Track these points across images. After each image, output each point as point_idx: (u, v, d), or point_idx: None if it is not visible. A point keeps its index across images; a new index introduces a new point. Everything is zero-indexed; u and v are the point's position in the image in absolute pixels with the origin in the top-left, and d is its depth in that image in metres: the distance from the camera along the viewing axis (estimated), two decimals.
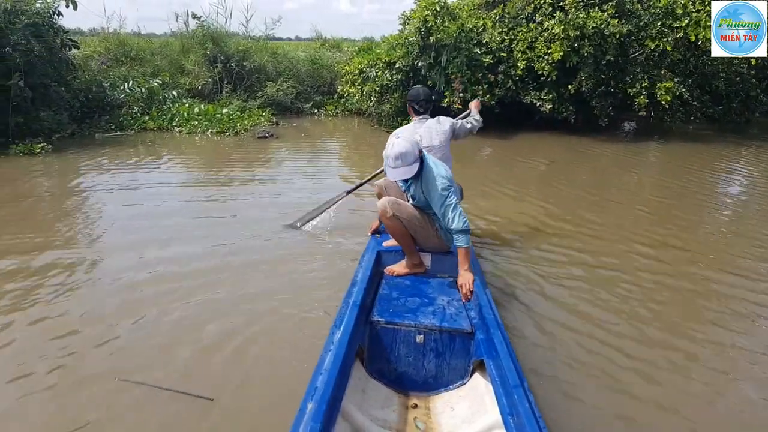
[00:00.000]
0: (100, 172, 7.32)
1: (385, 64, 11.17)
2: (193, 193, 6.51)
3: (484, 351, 2.63)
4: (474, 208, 6.03)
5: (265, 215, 5.62)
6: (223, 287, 3.99)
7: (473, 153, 9.91)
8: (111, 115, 10.62)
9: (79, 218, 5.58)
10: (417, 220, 3.46)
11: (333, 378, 2.18)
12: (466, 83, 10.53)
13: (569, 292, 4.12)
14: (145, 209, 5.81)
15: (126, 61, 12.87)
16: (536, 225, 5.68)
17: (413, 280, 3.45)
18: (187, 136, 10.16)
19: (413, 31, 10.64)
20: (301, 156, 8.89)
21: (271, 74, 13.45)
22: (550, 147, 10.41)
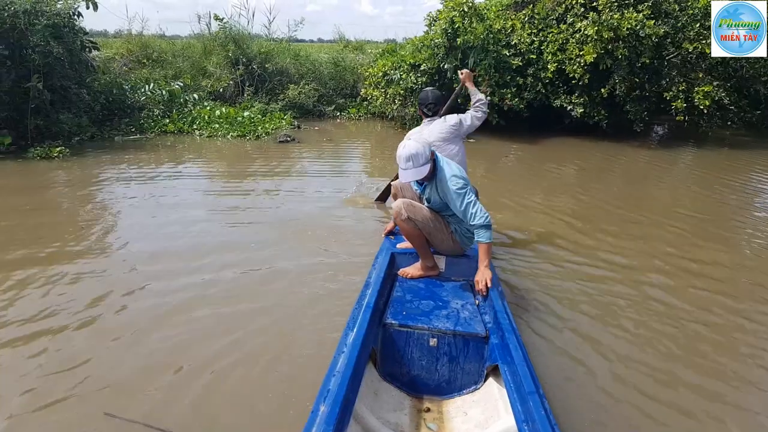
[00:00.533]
0: (119, 177, 7.08)
1: (409, 66, 10.83)
2: (215, 202, 6.20)
3: (498, 356, 2.60)
4: (499, 214, 5.84)
5: (286, 226, 5.34)
6: (242, 302, 3.71)
7: (500, 157, 9.54)
8: (131, 117, 10.43)
9: (96, 226, 5.30)
10: (432, 222, 3.42)
11: (346, 380, 2.16)
12: (494, 86, 10.14)
13: (590, 307, 3.91)
14: (166, 218, 5.54)
15: (148, 63, 12.71)
16: (561, 235, 5.36)
17: (427, 283, 3.41)
18: (208, 140, 9.92)
19: (439, 32, 10.28)
20: (324, 162, 8.58)
21: (293, 77, 13.18)
22: (580, 153, 9.97)
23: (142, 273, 4.20)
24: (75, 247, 4.71)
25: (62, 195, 6.37)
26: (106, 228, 5.25)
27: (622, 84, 9.87)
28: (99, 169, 7.48)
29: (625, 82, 9.91)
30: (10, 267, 4.23)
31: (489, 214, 3.16)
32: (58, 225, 5.29)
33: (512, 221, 5.74)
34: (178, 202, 6.07)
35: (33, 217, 5.49)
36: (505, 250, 4.89)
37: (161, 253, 4.59)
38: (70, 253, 4.57)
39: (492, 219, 3.21)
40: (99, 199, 6.21)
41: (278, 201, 6.22)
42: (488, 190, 6.88)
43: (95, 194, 6.42)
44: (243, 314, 3.60)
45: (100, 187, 6.72)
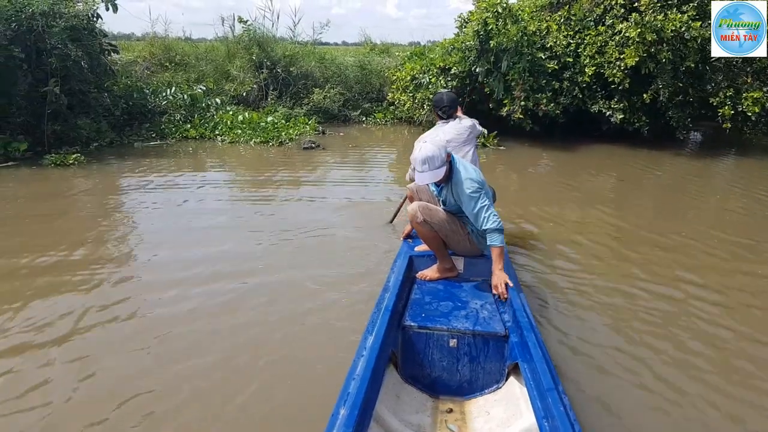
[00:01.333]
0: (137, 186, 6.70)
1: (439, 69, 10.33)
2: (238, 214, 5.77)
3: (518, 354, 2.58)
4: (530, 223, 5.64)
5: (308, 235, 4.94)
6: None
7: (533, 165, 9.02)
8: (152, 122, 10.08)
9: (112, 236, 4.95)
10: (448, 224, 3.39)
11: (365, 383, 2.14)
12: (528, 91, 9.59)
13: (615, 314, 3.79)
14: (188, 234, 5.13)
15: (170, 66, 12.39)
16: (594, 246, 5.07)
17: (446, 284, 3.39)
18: (230, 146, 9.51)
19: (471, 34, 9.77)
20: (350, 170, 8.11)
21: (318, 80, 12.75)
22: (617, 161, 9.37)
23: (165, 281, 4.01)
24: (89, 255, 4.36)
25: (74, 204, 6.01)
26: (118, 239, 4.88)
27: (666, 89, 9.25)
28: (116, 178, 7.12)
29: (669, 86, 9.29)
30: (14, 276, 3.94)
31: (500, 218, 3.14)
32: (66, 233, 4.93)
33: (545, 231, 5.44)
34: (199, 211, 5.70)
35: (42, 223, 5.13)
36: (535, 259, 4.68)
37: (183, 261, 4.36)
38: (79, 262, 4.21)
39: (503, 224, 3.17)
40: (111, 210, 5.82)
41: (301, 210, 5.81)
42: (521, 199, 6.64)
43: (109, 204, 6.05)
44: (258, 324, 3.49)
45: (115, 196, 6.36)
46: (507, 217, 5.63)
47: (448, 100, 4.39)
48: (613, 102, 9.72)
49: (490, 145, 9.82)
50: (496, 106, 10.22)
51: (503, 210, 5.71)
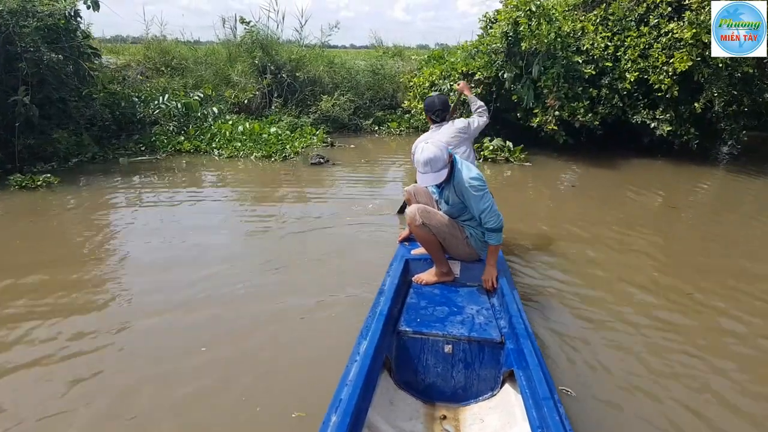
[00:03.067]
0: (115, 218, 5.61)
1: (461, 75, 9.18)
2: (233, 256, 4.67)
3: (514, 361, 2.52)
4: (565, 242, 5.15)
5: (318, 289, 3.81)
6: None
7: (565, 182, 7.87)
8: (141, 134, 8.97)
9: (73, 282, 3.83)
10: (447, 228, 3.36)
11: (358, 389, 2.10)
12: (563, 99, 8.44)
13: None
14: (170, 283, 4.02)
15: (166, 71, 11.29)
16: (632, 272, 4.53)
17: (442, 289, 3.34)
18: (228, 161, 8.38)
19: (499, 35, 8.62)
20: (362, 188, 6.97)
21: (326, 86, 11.61)
22: (662, 177, 8.22)
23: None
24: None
25: (28, 234, 4.89)
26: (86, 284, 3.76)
27: (721, 97, 8.06)
28: (86, 205, 6.00)
29: (725, 95, 8.11)
30: None
31: (502, 217, 3.19)
32: (20, 269, 3.82)
33: (582, 254, 4.88)
34: (189, 258, 4.55)
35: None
36: (561, 281, 4.29)
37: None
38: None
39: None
40: (74, 254, 4.71)
41: (309, 242, 4.71)
42: (555, 218, 6.04)
43: (74, 243, 4.94)
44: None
45: (82, 234, 5.24)
46: (535, 236, 5.23)
47: (440, 104, 4.37)
48: (658, 112, 8.54)
49: (515, 160, 8.66)
50: (524, 116, 9.07)
51: (532, 230, 5.41)
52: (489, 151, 8.79)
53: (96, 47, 8.35)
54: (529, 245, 5.02)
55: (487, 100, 9.20)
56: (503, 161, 8.70)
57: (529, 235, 5.35)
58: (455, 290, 3.31)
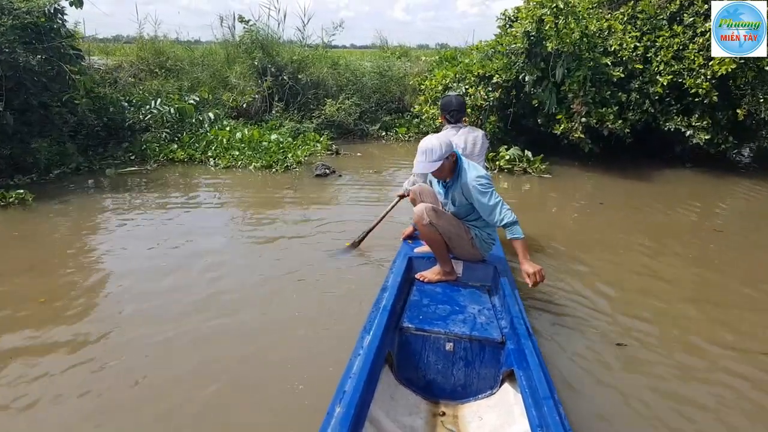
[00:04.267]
0: (94, 245, 4.87)
1: (477, 78, 8.43)
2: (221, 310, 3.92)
3: (514, 361, 2.50)
4: (588, 256, 4.84)
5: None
6: None
7: (594, 193, 7.23)
8: (131, 142, 8.21)
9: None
10: (453, 228, 3.31)
11: (361, 383, 2.09)
12: (590, 104, 7.69)
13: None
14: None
15: (160, 72, 10.52)
16: (656, 298, 4.10)
17: (444, 288, 3.30)
18: (224, 172, 7.61)
19: (520, 35, 7.86)
20: (372, 204, 6.23)
21: (330, 89, 10.84)
22: (697, 189, 7.54)
23: None
24: None
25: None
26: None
27: (766, 103, 7.30)
28: (61, 230, 5.25)
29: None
30: None
31: (513, 214, 3.09)
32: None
33: (606, 273, 4.50)
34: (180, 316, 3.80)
35: None
36: (586, 302, 3.96)
37: None
38: None
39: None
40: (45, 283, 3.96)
41: (314, 264, 3.93)
42: (577, 239, 5.42)
43: (44, 276, 4.19)
44: None
45: (52, 265, 4.48)
46: (555, 261, 4.69)
47: (457, 104, 4.23)
48: (693, 119, 7.78)
49: (534, 171, 7.89)
50: (545, 122, 8.32)
51: (552, 253, 4.87)
52: (505, 161, 8.01)
53: (79, 48, 7.55)
54: (548, 268, 4.38)
55: (505, 105, 8.46)
56: (521, 172, 7.93)
57: (549, 258, 4.70)
58: (457, 289, 3.30)
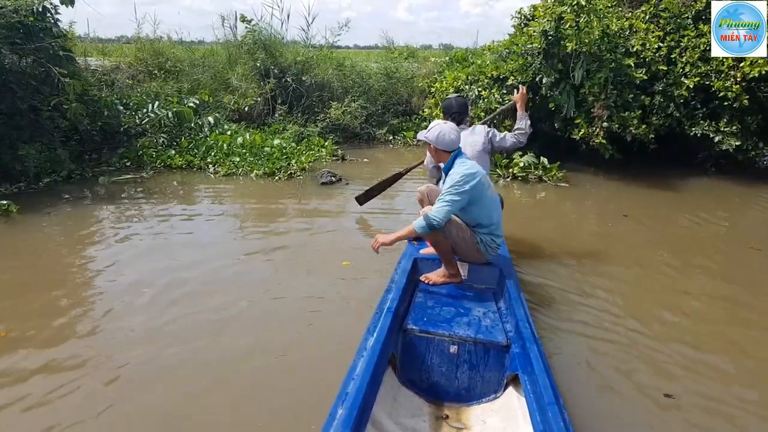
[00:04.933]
0: (77, 260, 4.43)
1: (490, 80, 7.97)
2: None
3: (519, 365, 2.47)
4: (610, 276, 4.42)
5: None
6: None
7: (614, 201, 6.79)
8: (127, 147, 7.78)
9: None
10: (459, 231, 3.28)
11: (364, 384, 2.07)
12: (612, 108, 7.22)
13: None
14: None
15: (159, 74, 10.08)
16: (686, 318, 3.80)
17: (449, 290, 3.27)
18: (224, 180, 7.18)
19: (537, 34, 7.40)
20: (383, 216, 5.79)
21: (336, 91, 10.39)
22: (725, 200, 7.01)
23: None
24: None
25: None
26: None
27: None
28: (45, 244, 4.82)
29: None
30: None
31: (442, 216, 3.09)
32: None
33: (627, 289, 4.22)
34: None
35: None
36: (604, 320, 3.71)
37: None
38: None
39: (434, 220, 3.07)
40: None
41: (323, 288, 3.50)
42: (599, 246, 5.15)
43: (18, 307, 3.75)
44: None
45: (32, 292, 4.04)
46: (576, 268, 4.46)
47: (458, 106, 4.23)
48: (722, 123, 7.31)
49: (550, 179, 7.41)
50: (562, 126, 7.86)
51: (573, 261, 4.62)
52: (519, 168, 7.53)
53: (70, 49, 7.10)
54: (566, 282, 4.02)
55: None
56: (535, 180, 7.46)
57: (567, 270, 4.33)
58: (462, 292, 3.27)
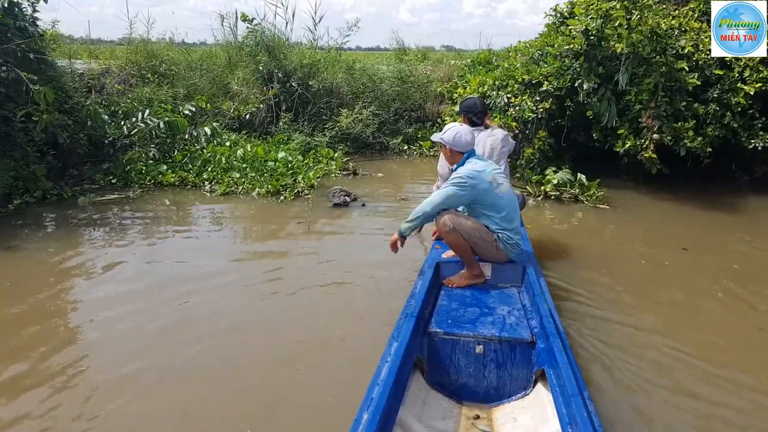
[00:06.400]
0: (44, 301, 3.51)
1: (522, 85, 7.04)
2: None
3: (545, 360, 2.46)
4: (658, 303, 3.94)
5: None
6: None
7: (665, 222, 5.97)
8: (114, 161, 6.86)
9: None
10: (477, 232, 3.28)
11: (388, 388, 2.06)
12: (663, 119, 6.30)
13: None
14: None
15: (153, 78, 9.16)
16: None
17: (473, 291, 3.24)
18: (222, 199, 6.26)
19: (578, 33, 6.47)
20: (413, 260, 4.86)
21: (345, 97, 9.46)
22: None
23: None
24: None
25: None
26: None
27: None
28: (4, 280, 3.91)
29: None
30: None
31: (434, 202, 3.27)
32: None
33: (679, 318, 3.74)
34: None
35: None
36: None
37: None
38: None
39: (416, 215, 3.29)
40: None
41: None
42: (650, 271, 4.56)
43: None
44: None
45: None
46: (622, 306, 3.90)
47: (482, 105, 4.19)
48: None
49: (588, 200, 6.42)
50: (601, 138, 6.94)
51: (619, 299, 3.99)
52: (552, 186, 6.57)
53: (43, 51, 6.13)
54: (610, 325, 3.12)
55: (555, 117, 7.07)
56: (570, 200, 6.51)
57: (612, 307, 3.35)
58: (486, 291, 3.23)
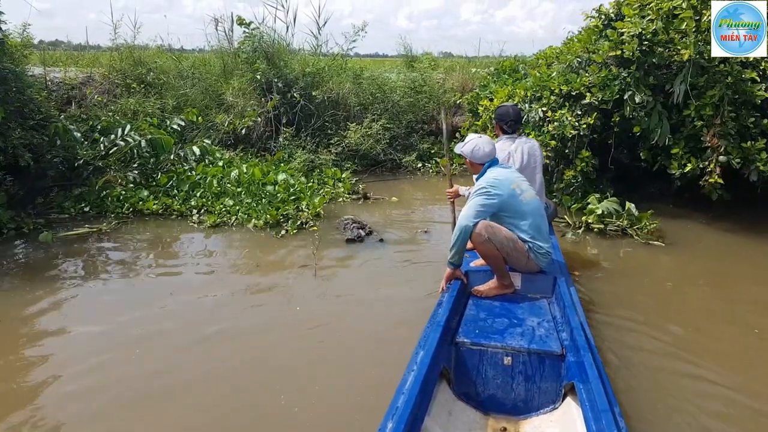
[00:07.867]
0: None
1: (559, 97, 6.06)
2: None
3: (575, 374, 2.38)
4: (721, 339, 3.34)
5: None
6: None
7: (725, 253, 4.94)
8: (87, 186, 5.87)
9: None
10: (510, 242, 3.21)
11: (413, 398, 2.04)
12: (729, 137, 5.33)
13: None
14: None
15: (138, 88, 8.18)
16: None
17: (502, 301, 3.15)
18: (212, 232, 5.27)
19: (630, 38, 5.49)
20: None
21: (352, 109, 8.48)
22: None
23: None
24: None
25: None
26: None
27: None
28: None
29: None
30: None
31: (469, 217, 3.11)
32: None
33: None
34: None
35: None
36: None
37: None
38: None
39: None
40: None
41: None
42: (712, 303, 4.05)
43: None
44: None
45: None
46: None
47: (515, 114, 4.14)
48: None
49: (638, 235, 5.37)
50: (649, 157, 5.96)
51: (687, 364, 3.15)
52: (595, 217, 5.55)
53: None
54: None
55: (600, 132, 6.08)
56: (617, 233, 5.49)
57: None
58: (516, 302, 3.13)
